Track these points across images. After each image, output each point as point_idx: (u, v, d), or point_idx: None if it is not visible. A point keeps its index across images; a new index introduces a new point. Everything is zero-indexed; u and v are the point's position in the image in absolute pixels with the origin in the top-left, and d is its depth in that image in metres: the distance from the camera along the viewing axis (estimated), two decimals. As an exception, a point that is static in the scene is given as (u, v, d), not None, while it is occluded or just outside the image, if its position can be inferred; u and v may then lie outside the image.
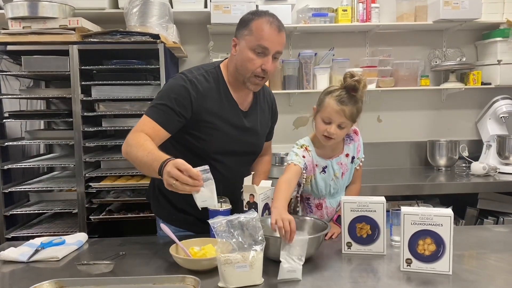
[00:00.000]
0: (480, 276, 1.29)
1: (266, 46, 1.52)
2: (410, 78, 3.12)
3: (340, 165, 1.73)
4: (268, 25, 1.52)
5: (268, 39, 1.52)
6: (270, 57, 1.55)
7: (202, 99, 1.59)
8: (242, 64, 1.58)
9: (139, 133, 1.50)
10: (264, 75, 1.58)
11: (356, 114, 1.61)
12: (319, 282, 1.26)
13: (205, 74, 1.63)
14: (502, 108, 3.05)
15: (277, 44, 1.55)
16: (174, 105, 1.54)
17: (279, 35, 1.54)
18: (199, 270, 1.31)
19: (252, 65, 1.55)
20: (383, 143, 3.23)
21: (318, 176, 1.71)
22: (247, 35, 1.55)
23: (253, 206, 1.57)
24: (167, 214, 1.78)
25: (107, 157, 2.56)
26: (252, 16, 1.56)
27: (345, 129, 1.63)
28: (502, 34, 3.03)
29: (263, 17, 1.54)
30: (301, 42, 3.18)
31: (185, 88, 1.57)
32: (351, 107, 1.58)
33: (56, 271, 1.39)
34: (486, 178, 2.76)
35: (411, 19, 3.03)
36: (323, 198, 1.75)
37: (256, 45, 1.53)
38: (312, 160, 1.70)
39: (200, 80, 1.60)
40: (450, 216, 1.29)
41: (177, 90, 1.57)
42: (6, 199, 2.47)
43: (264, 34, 1.52)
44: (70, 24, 2.37)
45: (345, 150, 1.75)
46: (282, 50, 1.59)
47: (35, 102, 2.98)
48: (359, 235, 1.49)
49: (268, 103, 1.85)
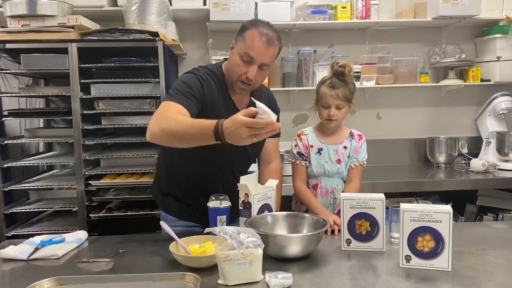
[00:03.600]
0: (479, 272, 1.29)
1: (252, 56, 1.57)
2: (409, 75, 3.12)
3: (336, 152, 1.89)
4: (258, 37, 1.56)
5: (255, 49, 1.56)
6: (255, 67, 1.59)
7: (207, 96, 1.65)
8: (231, 68, 1.65)
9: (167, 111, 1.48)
10: (249, 82, 1.62)
11: (349, 95, 1.83)
12: (318, 279, 1.26)
13: (209, 73, 1.69)
14: (502, 105, 3.05)
15: (264, 56, 1.58)
16: (192, 91, 1.59)
17: (267, 48, 1.57)
18: (198, 267, 1.31)
19: (238, 70, 1.60)
20: (382, 140, 3.24)
21: (313, 156, 1.89)
22: (241, 42, 1.60)
23: (248, 205, 1.58)
24: (172, 206, 1.83)
25: (106, 155, 2.56)
26: (249, 25, 1.61)
27: (343, 109, 1.84)
28: (502, 31, 3.03)
29: (258, 28, 1.58)
30: (300, 39, 3.18)
31: (198, 80, 1.64)
32: (342, 90, 1.81)
33: (56, 269, 1.39)
34: (486, 175, 2.77)
35: (410, 16, 3.03)
36: (319, 178, 1.88)
37: (244, 52, 1.58)
38: (306, 143, 1.90)
39: (206, 79, 1.67)
40: (449, 213, 1.30)
41: (191, 81, 1.63)
42: (6, 197, 2.47)
43: (253, 44, 1.56)
44: (69, 22, 2.37)
45: (345, 142, 1.90)
46: (271, 64, 1.62)
47: (34, 100, 2.98)
48: (359, 232, 1.49)
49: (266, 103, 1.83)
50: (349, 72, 1.81)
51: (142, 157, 2.55)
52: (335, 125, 1.87)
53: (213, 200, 1.61)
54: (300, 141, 1.91)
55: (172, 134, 1.42)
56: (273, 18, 2.87)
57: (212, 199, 1.62)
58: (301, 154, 1.89)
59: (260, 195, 1.60)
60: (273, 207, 1.66)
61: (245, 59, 1.58)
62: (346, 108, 1.85)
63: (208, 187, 1.68)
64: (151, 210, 2.48)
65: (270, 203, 1.65)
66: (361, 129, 1.98)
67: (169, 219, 1.81)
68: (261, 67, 1.60)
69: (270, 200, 1.65)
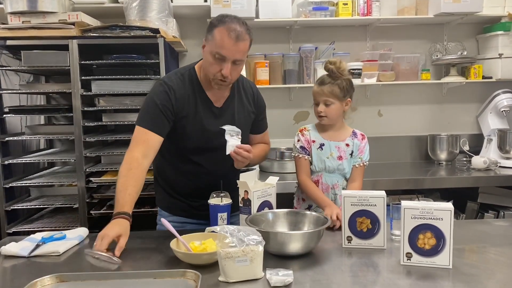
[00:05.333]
0: (480, 270, 1.29)
1: (223, 54, 1.57)
2: (411, 72, 3.11)
3: (337, 149, 1.88)
4: (226, 34, 1.55)
5: (225, 47, 1.56)
6: (229, 64, 1.59)
7: (180, 103, 1.68)
8: (205, 67, 1.66)
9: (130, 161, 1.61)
10: (225, 79, 1.62)
11: (338, 91, 1.81)
12: (319, 276, 1.26)
13: (181, 78, 1.72)
14: (503, 102, 3.04)
15: (235, 52, 1.58)
16: (160, 109, 1.65)
17: (236, 44, 1.56)
18: (199, 264, 1.31)
19: (213, 69, 1.61)
20: (383, 137, 3.23)
21: (314, 151, 1.88)
22: (210, 40, 1.60)
23: (247, 202, 1.58)
24: (165, 202, 1.87)
25: (107, 152, 2.56)
26: (217, 22, 1.60)
27: (333, 106, 1.83)
28: (504, 28, 3.02)
29: (226, 24, 1.57)
30: (301, 36, 3.17)
31: (166, 93, 1.67)
32: (329, 86, 1.81)
33: (57, 266, 1.39)
34: (487, 172, 2.76)
35: (412, 12, 3.02)
36: (320, 174, 1.88)
37: (215, 51, 1.58)
38: (308, 138, 1.90)
39: (177, 85, 1.69)
40: (450, 210, 1.29)
41: (159, 96, 1.67)
42: (7, 194, 2.47)
43: (223, 43, 1.56)
44: (69, 18, 2.36)
45: (347, 140, 1.90)
46: (244, 58, 1.63)
47: (35, 97, 2.98)
48: (360, 229, 1.49)
49: (249, 95, 1.86)
50: (338, 69, 1.80)
51: (143, 154, 2.55)
52: (326, 122, 1.87)
53: (214, 198, 1.61)
54: (303, 136, 1.91)
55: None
56: (274, 15, 2.87)
57: (213, 196, 1.62)
58: (304, 148, 1.89)
59: (260, 192, 1.60)
60: (274, 204, 1.66)
61: (217, 58, 1.58)
62: (337, 105, 1.83)
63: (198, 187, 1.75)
64: (152, 207, 2.48)
65: (270, 200, 1.65)
66: (363, 126, 1.98)
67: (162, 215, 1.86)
68: (235, 62, 1.60)
69: (270, 197, 1.65)
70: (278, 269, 1.25)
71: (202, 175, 1.76)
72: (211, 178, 1.72)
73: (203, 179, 1.75)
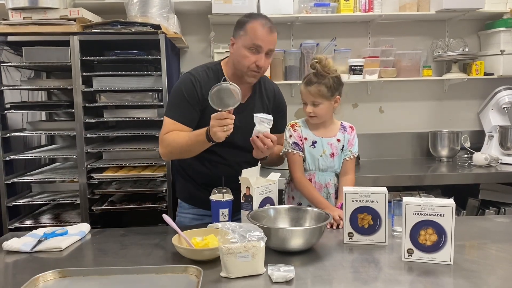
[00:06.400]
0: (481, 266, 1.30)
1: (260, 44, 1.70)
2: (412, 68, 3.11)
3: (330, 145, 1.84)
4: (261, 27, 1.70)
5: (261, 38, 1.70)
6: (263, 54, 1.72)
7: (205, 94, 1.70)
8: (239, 61, 1.75)
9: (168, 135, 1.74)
10: (259, 70, 1.75)
11: (325, 91, 1.76)
12: (321, 272, 1.27)
13: (207, 70, 1.83)
14: (505, 99, 3.04)
15: (269, 42, 1.72)
16: (187, 100, 1.75)
17: (270, 34, 1.72)
18: (201, 260, 1.32)
19: (248, 61, 1.72)
20: (385, 134, 3.23)
21: (307, 149, 1.84)
22: (243, 35, 1.72)
23: (249, 199, 1.58)
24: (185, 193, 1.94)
25: (108, 148, 2.56)
26: (248, 18, 1.74)
27: (322, 105, 1.79)
28: (506, 24, 3.01)
29: (258, 19, 1.72)
30: (302, 33, 3.16)
31: (191, 81, 1.78)
32: (316, 86, 1.76)
33: (59, 261, 1.40)
34: (488, 169, 2.76)
35: (414, 9, 3.01)
36: (313, 173, 1.84)
37: (251, 44, 1.70)
38: (300, 134, 1.85)
39: (201, 75, 1.80)
40: (451, 207, 1.30)
41: (185, 85, 1.78)
42: (8, 190, 2.48)
43: (258, 34, 1.70)
44: (70, 14, 2.36)
45: (338, 135, 1.87)
46: (274, 48, 1.77)
47: (36, 93, 2.97)
48: (361, 225, 1.49)
49: (270, 93, 1.93)
50: (323, 67, 1.75)
51: (144, 150, 2.56)
52: (316, 121, 1.83)
53: (215, 194, 1.62)
54: (295, 131, 1.84)
55: (178, 153, 1.76)
56: (276, 11, 2.86)
57: (215, 192, 1.62)
58: (297, 145, 1.83)
59: (261, 189, 1.60)
60: (275, 201, 1.67)
61: (252, 49, 1.70)
62: (326, 104, 1.78)
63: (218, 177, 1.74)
64: (153, 203, 2.48)
65: (271, 196, 1.65)
66: (364, 122, 1.97)
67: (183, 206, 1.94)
68: (268, 53, 1.73)
69: (272, 193, 1.65)
70: (279, 265, 1.26)
71: (222, 166, 1.82)
72: (231, 170, 1.77)
73: (223, 170, 1.79)
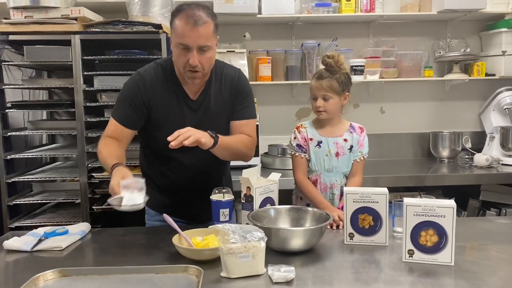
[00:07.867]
0: (482, 267, 1.29)
1: (185, 43, 1.53)
2: (413, 69, 3.10)
3: (336, 145, 1.85)
4: (185, 22, 1.52)
5: (185, 35, 1.52)
6: (194, 52, 1.54)
7: (150, 91, 1.66)
8: (175, 61, 1.64)
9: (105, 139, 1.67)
10: (196, 69, 1.57)
11: (337, 85, 1.79)
12: (321, 272, 1.26)
13: (156, 68, 1.70)
14: (506, 100, 3.04)
15: (196, 38, 1.52)
16: (130, 102, 1.66)
17: (196, 29, 1.52)
18: (201, 260, 1.32)
19: (181, 61, 1.58)
20: (386, 134, 3.23)
21: (312, 149, 1.86)
22: (173, 33, 1.58)
23: (249, 198, 1.58)
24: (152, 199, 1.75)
25: (109, 148, 2.56)
26: (175, 11, 1.57)
27: (332, 100, 1.80)
28: (507, 25, 3.00)
29: (182, 12, 1.54)
30: (304, 33, 3.16)
31: (136, 83, 1.67)
32: (328, 80, 1.78)
33: (59, 261, 1.40)
34: (489, 170, 2.76)
35: (415, 9, 3.00)
36: (319, 174, 1.85)
37: (178, 42, 1.55)
38: (305, 135, 1.87)
39: (148, 73, 1.68)
40: (452, 208, 1.29)
41: (130, 87, 1.68)
42: (9, 189, 2.48)
43: (182, 31, 1.53)
44: (72, 13, 2.36)
45: (345, 135, 1.87)
46: (209, 43, 1.56)
47: (37, 92, 2.98)
48: (361, 226, 1.49)
49: (228, 82, 1.75)
50: (336, 62, 1.77)
51: (145, 150, 2.55)
52: (324, 117, 1.83)
53: (216, 193, 1.61)
54: (299, 133, 1.87)
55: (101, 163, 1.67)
56: (277, 11, 2.86)
57: (215, 192, 1.62)
58: (300, 147, 1.86)
59: (262, 189, 1.60)
60: (276, 201, 1.67)
61: (182, 48, 1.55)
62: (336, 100, 1.81)
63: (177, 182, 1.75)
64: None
65: (272, 197, 1.65)
66: (365, 123, 1.96)
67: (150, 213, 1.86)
68: (201, 49, 1.55)
69: (273, 193, 1.65)
70: (280, 265, 1.25)
71: (181, 171, 1.74)
72: (191, 172, 1.72)
73: (182, 174, 1.74)
